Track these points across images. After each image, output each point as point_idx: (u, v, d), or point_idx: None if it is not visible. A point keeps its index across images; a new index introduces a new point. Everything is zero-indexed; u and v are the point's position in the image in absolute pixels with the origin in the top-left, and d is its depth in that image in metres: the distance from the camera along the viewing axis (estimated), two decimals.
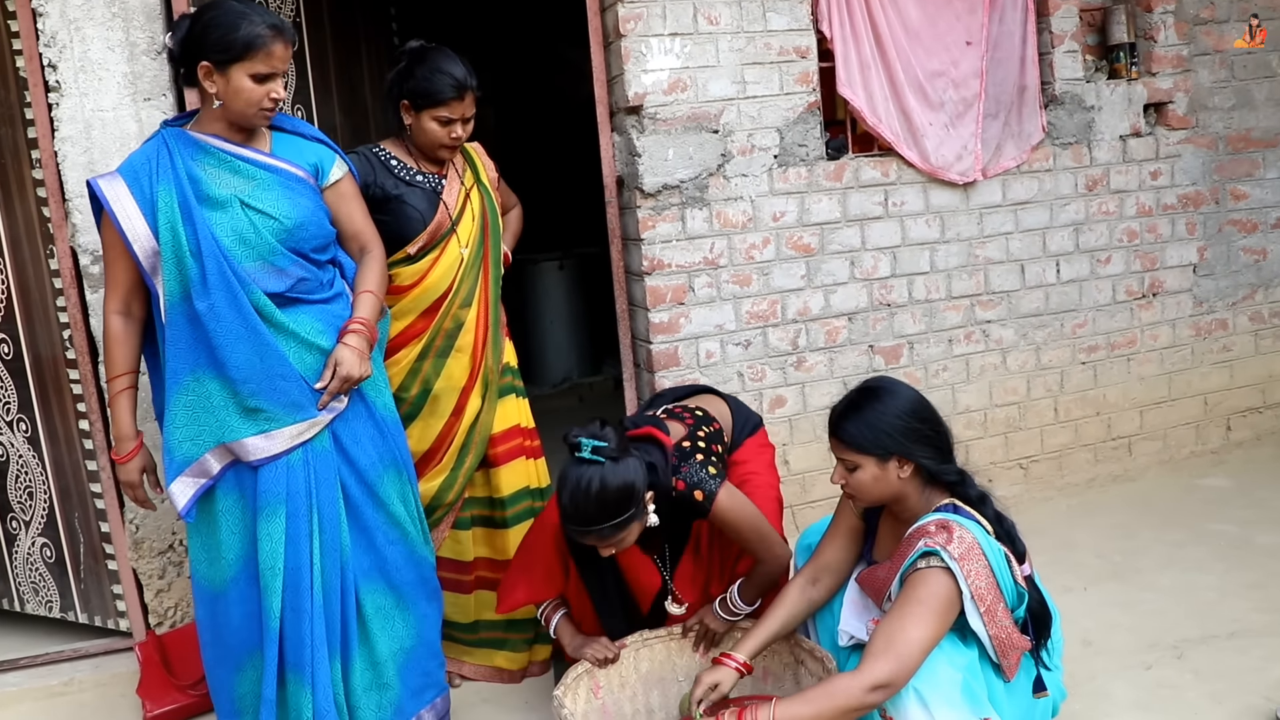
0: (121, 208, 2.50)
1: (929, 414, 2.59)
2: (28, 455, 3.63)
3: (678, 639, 2.99)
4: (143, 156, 2.56)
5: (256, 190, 2.56)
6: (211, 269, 2.47)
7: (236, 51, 2.47)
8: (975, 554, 2.42)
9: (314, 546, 2.59)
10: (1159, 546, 3.94)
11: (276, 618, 2.56)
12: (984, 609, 2.41)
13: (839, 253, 4.14)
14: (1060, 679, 2.74)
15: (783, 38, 3.95)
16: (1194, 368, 4.78)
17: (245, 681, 2.64)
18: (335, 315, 2.68)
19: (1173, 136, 4.59)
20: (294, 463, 2.58)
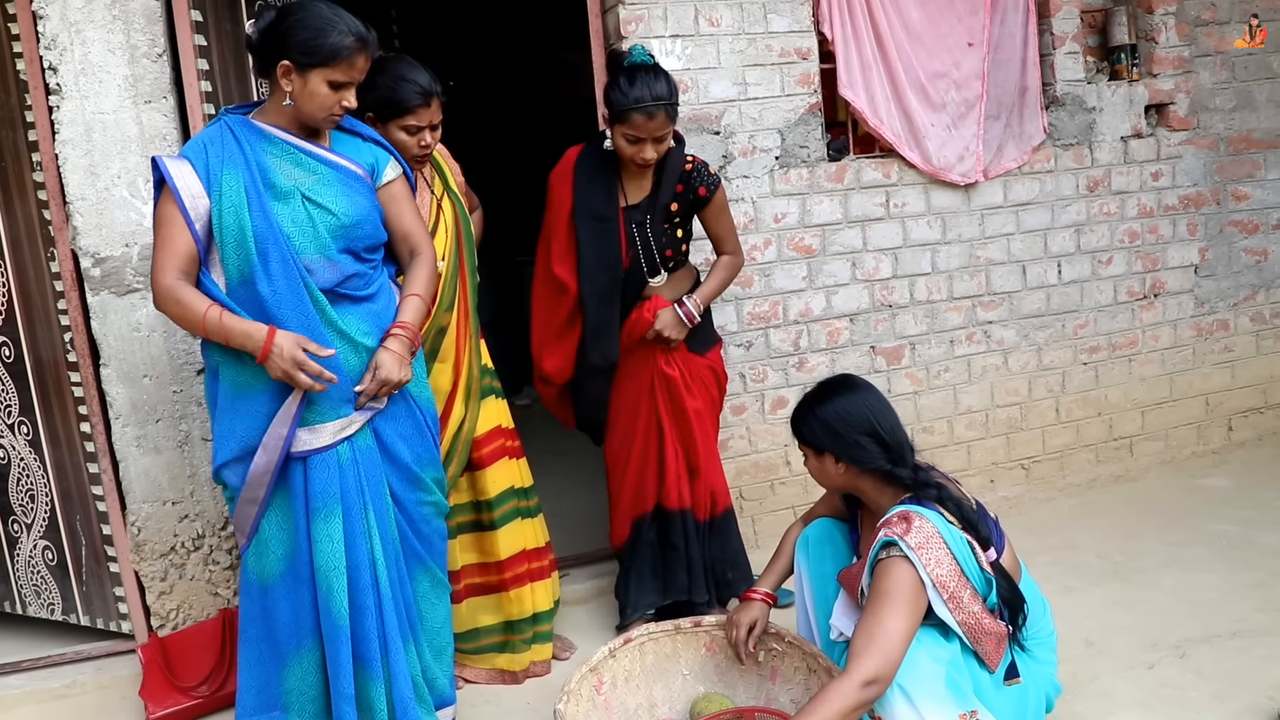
0: (185, 185, 2.48)
1: (864, 423, 2.61)
2: (29, 458, 3.63)
3: (683, 632, 3.00)
4: (206, 138, 2.55)
5: (317, 185, 2.58)
6: (274, 255, 2.48)
7: (320, 57, 2.48)
8: (935, 542, 2.45)
9: (373, 544, 2.64)
10: (1161, 547, 3.94)
11: (345, 616, 2.60)
12: (947, 596, 2.43)
13: (840, 254, 4.14)
14: (1054, 673, 2.74)
15: (784, 39, 3.95)
16: (1195, 368, 4.78)
17: (292, 677, 2.66)
18: (378, 314, 2.68)
19: (1174, 138, 4.59)
20: (344, 462, 2.60)
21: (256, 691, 2.70)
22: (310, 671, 2.66)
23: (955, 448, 4.42)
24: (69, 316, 3.45)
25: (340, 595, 2.59)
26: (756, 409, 4.08)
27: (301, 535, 2.60)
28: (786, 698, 2.87)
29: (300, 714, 2.68)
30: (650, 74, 3.10)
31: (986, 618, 2.50)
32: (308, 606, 2.63)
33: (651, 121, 3.09)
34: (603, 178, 3.30)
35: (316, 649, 2.65)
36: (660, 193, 3.30)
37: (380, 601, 2.65)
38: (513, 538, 3.33)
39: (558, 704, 2.65)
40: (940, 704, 2.40)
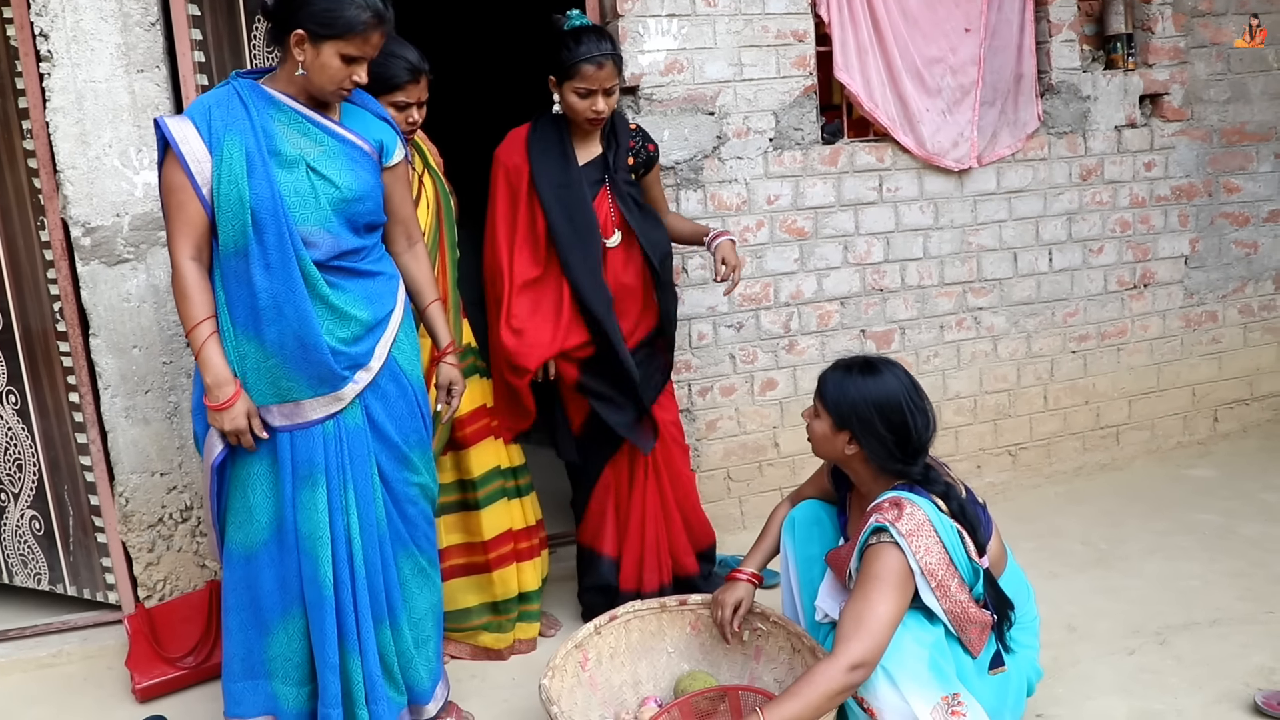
0: (190, 148, 2.46)
1: (897, 416, 2.56)
2: (17, 428, 3.63)
3: (669, 610, 3.01)
4: (213, 100, 2.52)
5: (323, 156, 2.56)
6: (271, 227, 2.46)
7: (336, 30, 2.46)
8: (926, 530, 2.46)
9: (350, 521, 2.63)
10: (1144, 535, 3.97)
11: (330, 585, 2.61)
12: (935, 584, 2.45)
13: (832, 237, 4.14)
14: (1036, 658, 2.76)
15: (780, 21, 3.95)
16: (1183, 359, 4.80)
17: (277, 644, 2.67)
18: (376, 291, 2.67)
19: (1168, 128, 4.60)
20: (328, 435, 2.60)
21: (241, 659, 2.71)
22: (295, 638, 2.67)
23: (943, 433, 4.43)
24: (59, 286, 3.44)
25: (325, 564, 2.60)
26: (746, 390, 4.09)
27: (287, 503, 2.60)
28: (770, 677, 2.89)
29: (284, 680, 2.70)
30: (592, 32, 3.20)
31: (972, 607, 2.52)
32: (293, 573, 2.64)
33: (601, 71, 3.15)
34: (556, 145, 3.32)
35: (301, 616, 2.66)
36: (618, 150, 3.33)
37: (354, 577, 2.64)
38: (498, 518, 3.34)
39: (543, 679, 2.67)
40: (923, 686, 2.42)
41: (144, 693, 3.25)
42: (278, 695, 2.71)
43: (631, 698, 2.94)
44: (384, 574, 2.72)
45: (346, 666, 2.65)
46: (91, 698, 3.31)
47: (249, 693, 2.73)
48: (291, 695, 2.70)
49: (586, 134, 3.31)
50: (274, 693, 2.71)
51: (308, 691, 2.72)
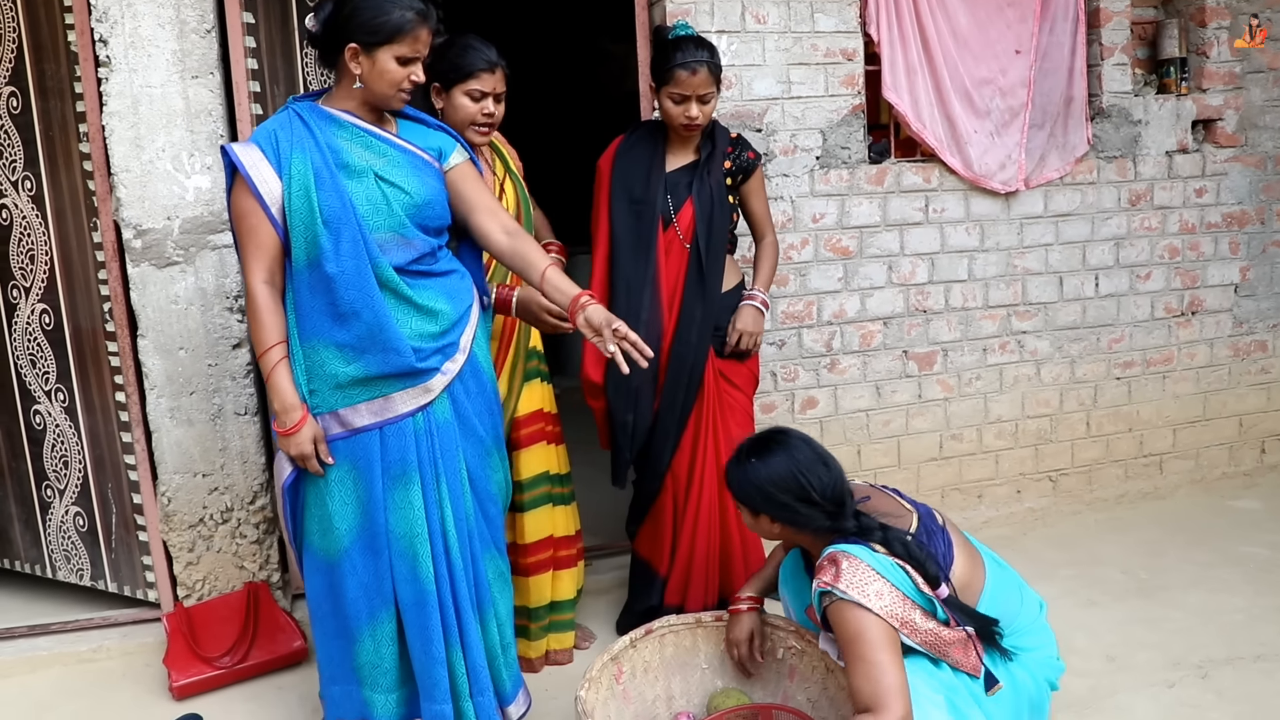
0: (258, 173, 2.51)
1: (793, 485, 2.55)
2: (64, 425, 3.68)
3: (704, 626, 3.00)
4: (276, 125, 2.58)
5: (388, 166, 2.60)
6: (345, 235, 2.51)
7: (385, 35, 2.51)
8: (869, 576, 2.42)
9: (445, 515, 2.66)
10: (1187, 566, 3.91)
11: (432, 581, 2.63)
12: (899, 624, 2.41)
13: (877, 257, 4.13)
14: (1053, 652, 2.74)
15: (830, 39, 3.95)
16: (1230, 388, 4.74)
17: (364, 652, 2.69)
18: (454, 286, 2.71)
19: (1220, 154, 4.54)
20: (419, 431, 2.62)
21: (334, 664, 2.75)
22: (383, 643, 2.68)
23: (984, 456, 4.40)
24: (109, 287, 3.49)
25: (425, 561, 2.62)
26: (786, 408, 4.07)
27: (377, 505, 2.61)
28: (803, 696, 2.88)
29: (373, 688, 2.71)
30: (691, 41, 3.23)
31: (945, 630, 2.48)
32: (382, 577, 2.64)
33: (695, 77, 3.17)
34: (647, 149, 3.37)
35: (389, 621, 2.67)
36: (714, 154, 3.34)
37: (452, 570, 2.67)
38: (540, 522, 3.34)
39: (579, 691, 2.67)
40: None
41: (181, 691, 3.28)
42: (369, 702, 2.72)
43: (665, 713, 2.93)
44: (475, 569, 2.75)
45: (450, 661, 2.66)
46: (129, 694, 3.35)
47: (344, 697, 2.76)
48: (381, 702, 2.72)
49: (684, 141, 3.34)
50: (365, 699, 2.73)
51: (398, 697, 2.73)
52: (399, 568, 2.64)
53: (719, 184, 3.33)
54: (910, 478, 4.29)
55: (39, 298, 3.60)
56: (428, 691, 2.67)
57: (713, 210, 3.31)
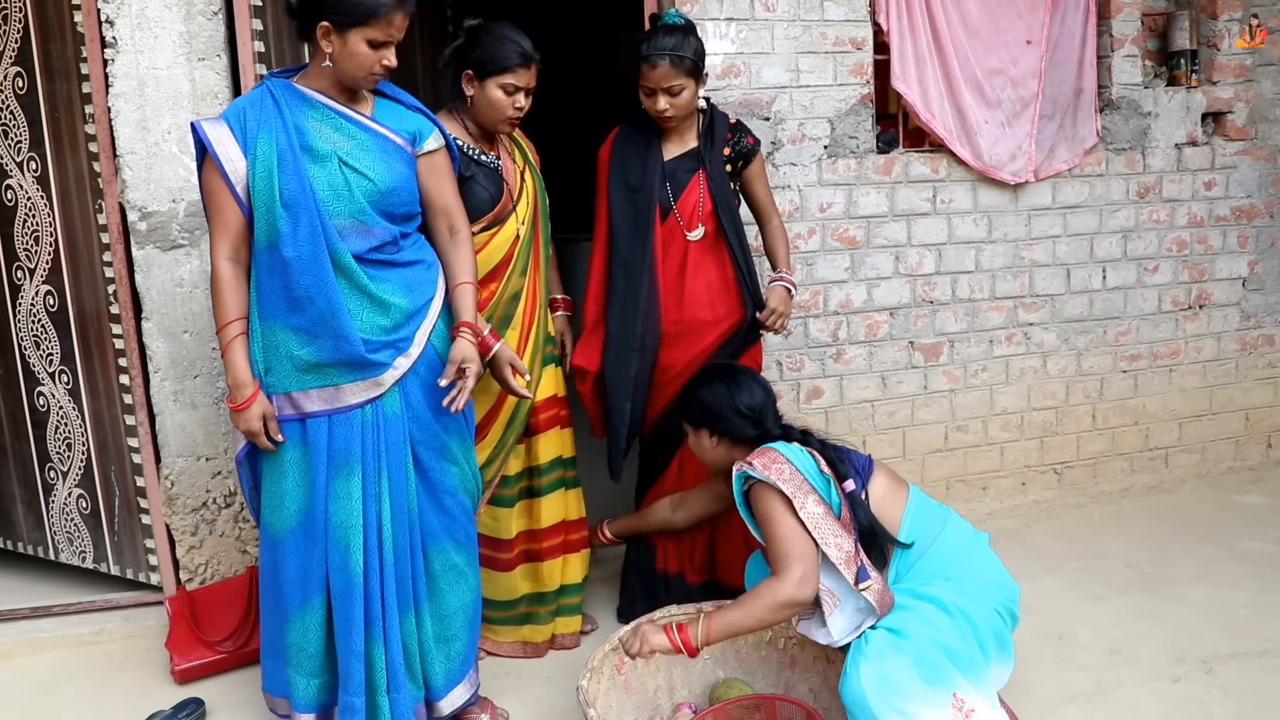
0: (225, 151, 2.53)
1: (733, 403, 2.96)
2: (68, 407, 3.67)
3: (706, 616, 2.99)
4: (247, 102, 2.58)
5: (355, 150, 2.59)
6: (304, 219, 2.51)
7: (358, 17, 2.49)
8: (777, 458, 2.75)
9: (382, 508, 2.66)
10: (1191, 560, 3.90)
11: (360, 573, 2.64)
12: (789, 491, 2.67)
13: (884, 247, 4.11)
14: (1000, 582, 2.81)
15: (839, 28, 3.92)
16: (1237, 382, 4.72)
17: (293, 632, 2.71)
18: (415, 279, 2.70)
19: (1230, 147, 4.52)
20: (366, 423, 2.63)
21: (270, 638, 2.80)
22: (311, 628, 2.70)
23: (989, 448, 4.39)
24: (113, 269, 3.48)
25: (357, 552, 2.63)
26: (791, 398, 4.06)
27: (319, 492, 2.63)
28: (805, 687, 2.88)
29: (297, 670, 2.73)
30: (665, 30, 3.19)
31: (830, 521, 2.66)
32: (317, 563, 2.67)
33: (654, 71, 3.14)
34: (644, 138, 3.35)
35: (320, 608, 2.69)
36: (714, 141, 3.31)
37: (383, 564, 2.67)
38: (555, 507, 3.35)
39: (581, 680, 2.67)
40: (924, 701, 2.51)
41: (183, 674, 3.28)
42: (291, 683, 2.75)
43: (666, 703, 2.93)
44: (411, 564, 2.74)
45: (370, 654, 2.67)
46: (131, 677, 3.35)
47: (273, 673, 2.81)
48: (303, 685, 2.74)
49: (679, 130, 3.33)
50: (288, 679, 2.76)
51: (319, 684, 2.76)
52: (332, 556, 2.65)
53: (720, 171, 3.31)
54: (915, 469, 4.28)
55: (43, 279, 3.60)
56: (343, 682, 2.69)
57: (728, 202, 3.32)
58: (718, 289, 3.33)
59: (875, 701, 2.49)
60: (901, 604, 2.68)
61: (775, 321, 3.33)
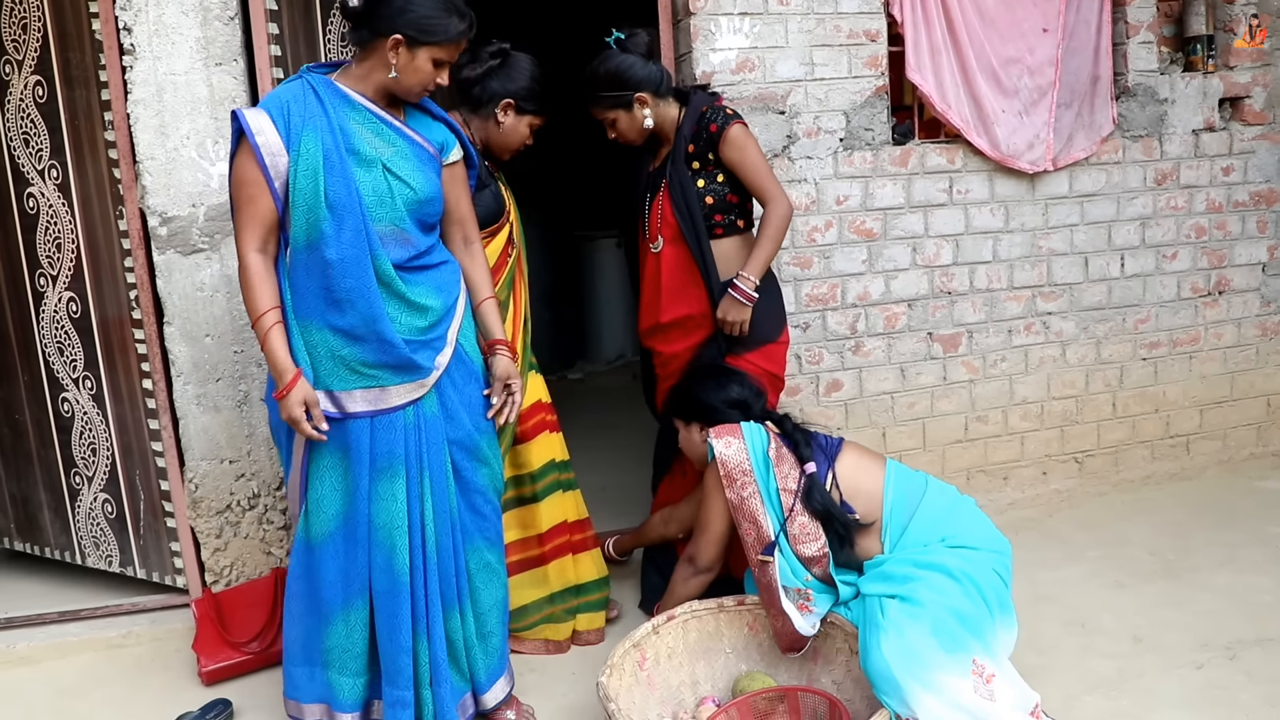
0: (266, 141, 2.50)
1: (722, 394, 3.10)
2: (92, 412, 3.71)
3: (726, 610, 3.01)
4: (289, 95, 2.56)
5: (396, 157, 2.60)
6: (349, 223, 2.51)
7: (435, 37, 2.54)
8: (733, 433, 2.96)
9: (425, 508, 2.69)
10: (1214, 547, 3.89)
11: (406, 573, 2.67)
12: (724, 473, 2.90)
13: (901, 239, 4.11)
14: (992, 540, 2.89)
15: (853, 20, 3.92)
16: (1258, 368, 4.70)
17: (335, 635, 2.73)
18: (443, 279, 2.72)
19: (1248, 132, 4.50)
20: (408, 425, 2.64)
21: (300, 644, 2.79)
22: (356, 629, 2.72)
23: (1009, 438, 4.38)
24: (135, 274, 3.51)
25: (403, 553, 2.65)
26: (811, 391, 4.07)
27: (361, 495, 2.64)
28: (828, 678, 2.88)
29: (340, 671, 2.75)
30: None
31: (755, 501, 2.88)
32: (360, 566, 2.68)
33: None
34: (639, 155, 3.43)
35: (364, 608, 2.71)
36: (680, 141, 3.29)
37: (426, 563, 2.70)
38: (554, 509, 3.37)
39: (601, 677, 2.68)
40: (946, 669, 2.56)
41: (210, 676, 3.30)
42: (333, 685, 2.76)
43: (690, 697, 2.94)
44: (454, 561, 2.76)
45: (415, 650, 2.70)
46: (159, 679, 3.38)
47: (306, 679, 2.80)
48: (348, 686, 2.76)
49: (665, 138, 3.35)
50: (329, 682, 2.76)
51: (364, 682, 2.78)
52: (376, 556, 2.67)
53: (683, 174, 3.27)
54: (935, 460, 4.27)
55: (66, 286, 3.63)
56: (391, 677, 2.71)
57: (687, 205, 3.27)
58: (692, 299, 3.32)
59: (901, 674, 2.53)
60: (908, 574, 2.74)
61: (727, 330, 3.27)
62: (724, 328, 3.26)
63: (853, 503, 2.90)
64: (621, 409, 5.46)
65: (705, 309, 3.30)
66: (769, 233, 3.22)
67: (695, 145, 3.27)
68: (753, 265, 3.21)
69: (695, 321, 3.33)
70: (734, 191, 3.29)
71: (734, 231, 3.33)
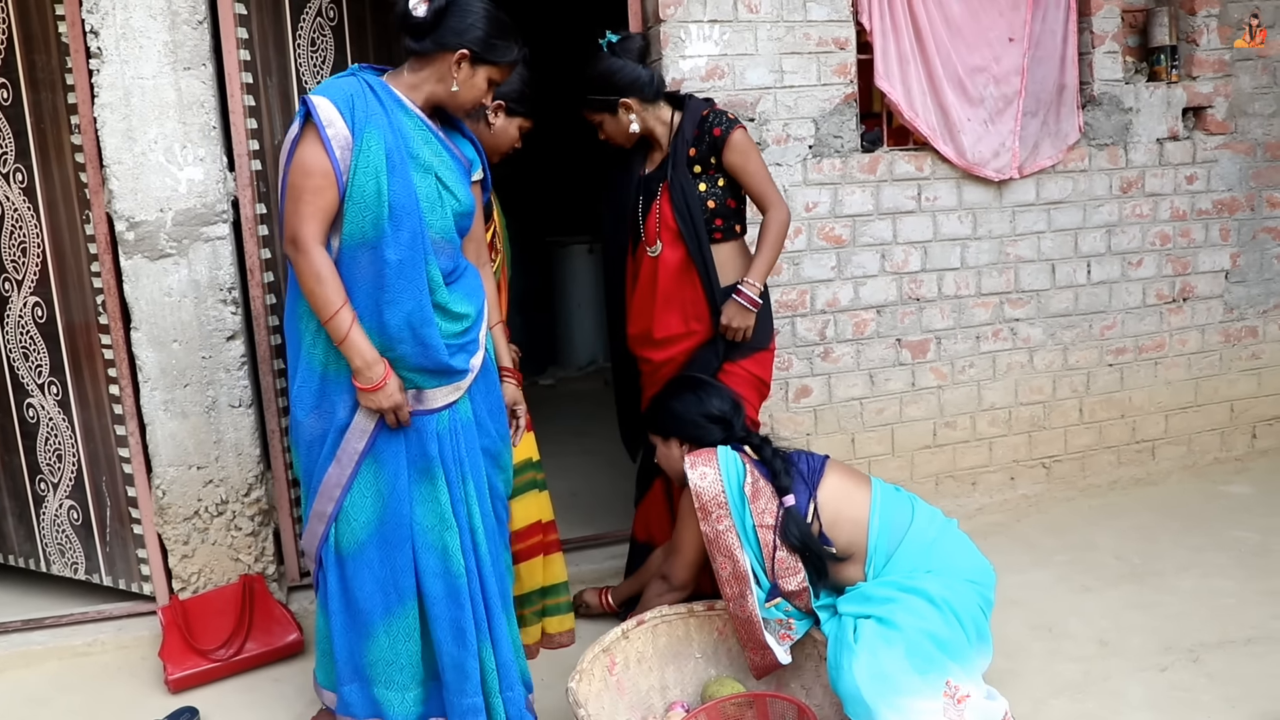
0: (336, 133, 2.46)
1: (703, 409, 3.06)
2: (58, 418, 3.67)
3: (696, 615, 3.02)
4: (351, 89, 2.51)
5: (443, 168, 2.61)
6: (406, 225, 2.49)
7: (497, 56, 2.58)
8: (709, 460, 2.90)
9: (471, 511, 2.67)
10: (1179, 551, 3.93)
11: (463, 576, 2.63)
12: (698, 505, 2.85)
13: (870, 245, 4.13)
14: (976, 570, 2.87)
15: (822, 28, 3.95)
16: (1222, 374, 4.76)
17: (377, 648, 2.66)
18: (472, 285, 2.72)
19: (1210, 141, 4.56)
20: (442, 430, 2.63)
21: (344, 663, 2.72)
22: (399, 639, 2.66)
23: (977, 444, 4.41)
24: (102, 279, 3.48)
25: (456, 554, 2.62)
26: (780, 396, 4.08)
27: (402, 499, 2.61)
28: (797, 684, 2.90)
29: (388, 685, 2.68)
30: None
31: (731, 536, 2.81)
32: (402, 571, 2.63)
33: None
34: (628, 155, 3.40)
35: (408, 615, 2.65)
36: (680, 144, 3.28)
37: (480, 565, 2.67)
38: (528, 508, 3.37)
39: (570, 682, 2.67)
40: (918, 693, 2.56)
41: (176, 684, 3.28)
42: (383, 701, 2.69)
43: (659, 703, 2.95)
44: (495, 568, 2.74)
45: (481, 655, 2.66)
46: (125, 687, 3.35)
47: (355, 696, 2.73)
48: (398, 700, 2.69)
49: (656, 141, 3.34)
50: (378, 698, 2.70)
51: (416, 695, 2.71)
52: (427, 561, 2.62)
53: (685, 178, 3.27)
54: (904, 465, 4.30)
55: (31, 290, 3.60)
56: (458, 685, 2.65)
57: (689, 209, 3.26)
58: (689, 303, 3.32)
59: (870, 696, 2.53)
60: (888, 596, 2.72)
61: (731, 335, 3.28)
62: (727, 333, 3.27)
63: (834, 532, 2.84)
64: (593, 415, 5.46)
65: (702, 313, 3.31)
66: (770, 239, 3.25)
67: (697, 149, 3.26)
68: (756, 271, 3.25)
69: (690, 327, 3.32)
70: (733, 196, 3.31)
71: (732, 236, 3.34)
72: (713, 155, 3.25)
